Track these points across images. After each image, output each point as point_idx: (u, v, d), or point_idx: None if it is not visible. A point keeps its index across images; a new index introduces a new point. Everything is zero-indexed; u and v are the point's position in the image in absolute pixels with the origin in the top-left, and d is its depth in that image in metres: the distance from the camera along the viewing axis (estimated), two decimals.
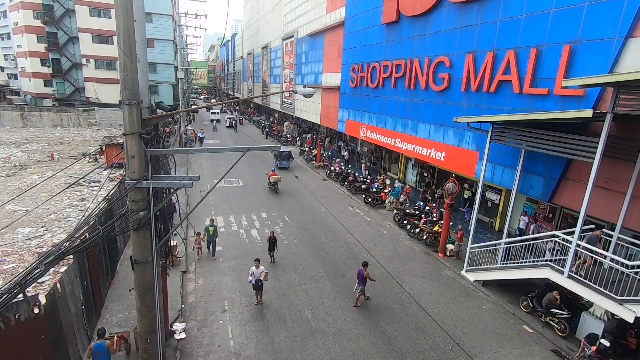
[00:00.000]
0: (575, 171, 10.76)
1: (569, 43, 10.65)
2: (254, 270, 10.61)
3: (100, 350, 7.41)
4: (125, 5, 5.17)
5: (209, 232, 13.60)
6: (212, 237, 13.74)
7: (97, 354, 7.41)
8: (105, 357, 7.50)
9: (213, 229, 13.66)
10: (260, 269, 10.63)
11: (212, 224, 13.75)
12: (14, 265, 12.69)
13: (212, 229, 13.63)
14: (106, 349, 7.47)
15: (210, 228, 13.61)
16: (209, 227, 13.63)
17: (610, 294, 8.39)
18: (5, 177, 23.30)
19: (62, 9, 43.42)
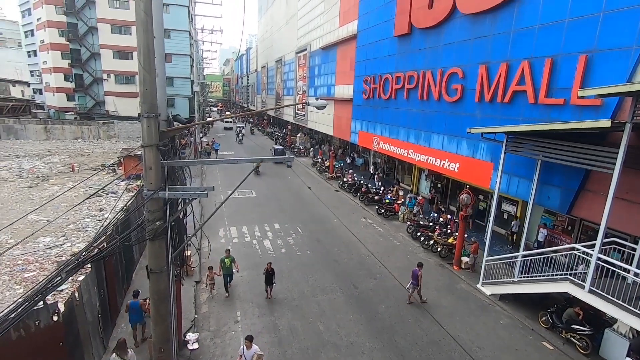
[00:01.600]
0: (594, 182, 10.49)
1: (584, 52, 10.53)
2: (244, 350, 8.06)
3: (134, 307, 9.21)
4: (145, 23, 5.40)
5: (224, 265, 11.66)
6: (229, 271, 11.82)
7: (132, 310, 9.22)
8: (138, 312, 9.28)
9: (229, 261, 11.74)
10: (253, 349, 8.05)
11: (229, 255, 11.83)
12: (35, 274, 13.04)
13: (228, 260, 11.71)
14: (139, 306, 9.23)
15: (226, 260, 11.69)
16: (224, 259, 11.72)
17: (635, 310, 8.06)
18: (28, 187, 24.13)
19: (85, 27, 45.32)
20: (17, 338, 6.33)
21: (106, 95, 47.31)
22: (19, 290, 11.98)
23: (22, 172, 28.36)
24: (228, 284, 12.03)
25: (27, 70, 61.20)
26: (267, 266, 11.77)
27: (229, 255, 11.93)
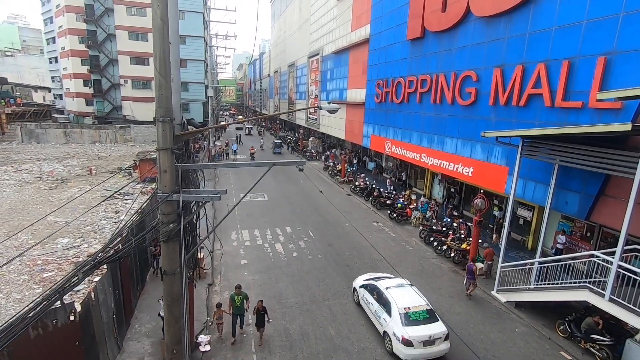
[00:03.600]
0: (614, 187, 10.19)
1: (603, 55, 10.28)
2: None
3: None
4: (161, 29, 5.52)
5: (234, 304, 9.87)
6: (240, 310, 9.96)
7: None
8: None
9: (240, 299, 9.90)
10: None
11: (240, 292, 9.95)
12: (53, 274, 13.38)
13: (239, 298, 9.89)
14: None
15: (237, 298, 9.87)
16: (234, 296, 9.90)
17: None
18: (48, 190, 24.84)
19: (104, 34, 46.66)
20: (36, 336, 6.49)
21: (123, 100, 48.47)
22: (38, 289, 12.31)
23: (43, 174, 29.23)
24: (237, 326, 10.05)
25: (48, 76, 63.28)
26: (257, 305, 9.76)
27: (240, 291, 9.99)
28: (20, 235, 15.99)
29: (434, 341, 9.13)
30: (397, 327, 9.31)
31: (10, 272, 13.49)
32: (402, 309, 9.60)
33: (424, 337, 9.06)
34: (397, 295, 10.08)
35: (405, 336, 9.01)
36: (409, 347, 8.98)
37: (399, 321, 9.39)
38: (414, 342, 8.97)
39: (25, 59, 75.12)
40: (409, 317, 9.44)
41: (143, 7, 44.53)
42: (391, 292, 10.25)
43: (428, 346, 9.08)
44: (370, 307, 10.76)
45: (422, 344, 9.02)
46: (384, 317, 9.94)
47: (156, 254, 13.31)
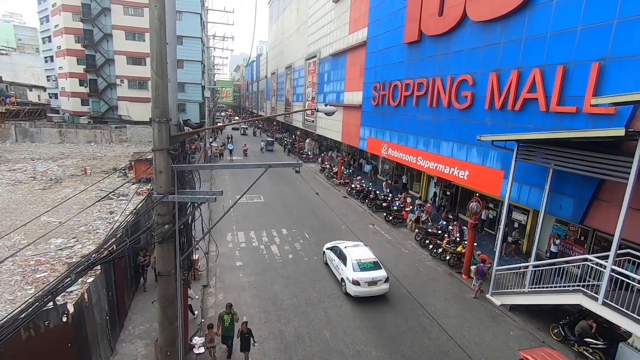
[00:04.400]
0: (608, 192, 10.28)
1: (597, 60, 10.40)
2: None
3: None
4: (159, 30, 5.50)
5: (223, 323, 9.25)
6: (229, 332, 9.30)
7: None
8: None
9: (229, 319, 9.26)
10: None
11: (229, 311, 9.33)
12: (46, 275, 13.24)
13: (228, 318, 9.25)
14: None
15: (226, 317, 9.25)
16: (224, 315, 9.29)
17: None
18: (42, 189, 24.62)
19: (100, 34, 46.43)
20: (27, 338, 6.41)
21: (119, 100, 48.22)
22: (30, 290, 12.18)
23: (36, 174, 28.97)
24: (229, 348, 9.40)
25: (43, 75, 62.80)
26: (241, 327, 9.11)
27: (231, 310, 9.31)
28: (13, 235, 15.81)
29: (376, 282, 12.15)
30: (350, 273, 12.28)
31: (3, 272, 13.33)
32: (355, 260, 12.61)
33: (368, 279, 12.07)
34: (352, 251, 13.12)
35: (355, 278, 12.03)
36: (357, 286, 12.03)
37: (351, 268, 12.38)
38: (361, 283, 12.00)
39: (21, 57, 74.53)
40: (359, 266, 12.42)
41: (140, 7, 44.39)
42: (348, 250, 13.28)
43: (371, 286, 12.13)
44: (333, 262, 13.77)
45: (367, 284, 12.06)
46: (341, 268, 12.87)
47: (145, 265, 12.17)
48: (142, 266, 12.18)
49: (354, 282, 12.03)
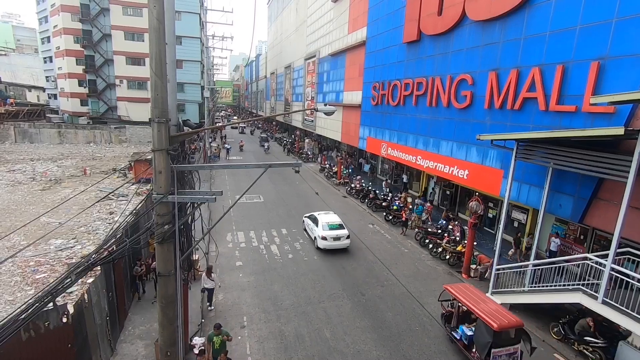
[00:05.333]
0: (607, 191, 10.29)
1: (597, 59, 10.41)
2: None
3: None
4: (158, 30, 5.50)
5: (213, 346, 8.67)
6: (218, 353, 8.51)
7: None
8: None
9: (219, 341, 8.67)
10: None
11: (219, 332, 8.70)
12: (46, 275, 13.24)
13: (217, 339, 8.65)
14: None
15: (215, 339, 8.64)
16: (212, 336, 8.67)
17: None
18: (41, 190, 24.60)
19: (99, 34, 46.39)
20: (27, 339, 6.41)
21: (118, 101, 48.18)
22: (30, 291, 12.17)
23: (36, 175, 28.95)
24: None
25: (42, 76, 62.72)
26: (220, 357, 8.22)
27: (220, 331, 8.70)
28: (12, 236, 15.81)
29: (339, 238, 15.81)
30: (320, 232, 15.90)
31: (2, 273, 13.33)
32: (324, 222, 16.21)
33: (334, 235, 15.75)
34: (323, 217, 16.75)
35: (324, 235, 15.71)
36: (325, 241, 15.70)
37: (321, 228, 16.00)
38: (328, 238, 15.68)
39: (20, 58, 74.45)
40: (327, 226, 16.03)
41: (139, 8, 44.34)
42: (320, 215, 16.93)
43: (336, 241, 15.77)
44: (309, 226, 17.58)
45: (332, 239, 15.72)
46: (315, 229, 16.54)
47: (142, 275, 11.63)
48: (139, 276, 11.56)
49: (323, 238, 15.71)
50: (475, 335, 9.23)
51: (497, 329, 8.40)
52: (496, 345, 8.57)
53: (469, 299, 9.56)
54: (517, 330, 8.83)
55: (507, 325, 8.59)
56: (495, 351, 8.58)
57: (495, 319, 8.66)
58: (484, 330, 8.78)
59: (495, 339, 8.51)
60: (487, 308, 9.15)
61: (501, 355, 8.68)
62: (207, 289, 11.56)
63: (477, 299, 9.59)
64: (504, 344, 8.67)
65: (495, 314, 8.89)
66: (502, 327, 8.46)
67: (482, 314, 8.86)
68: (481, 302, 9.43)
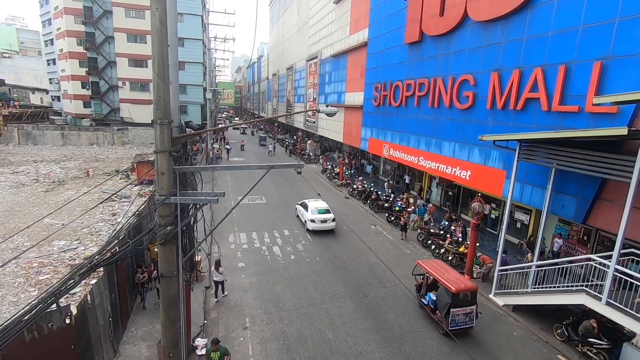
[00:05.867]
0: (610, 191, 10.24)
1: (599, 59, 10.37)
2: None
3: None
4: (160, 32, 5.53)
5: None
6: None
7: None
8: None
9: (218, 357, 8.16)
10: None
11: (217, 347, 8.11)
12: (49, 277, 13.28)
13: (215, 355, 8.13)
14: None
15: (213, 355, 8.12)
16: (210, 352, 8.16)
17: None
18: (45, 192, 24.70)
19: (102, 36, 46.61)
20: (31, 340, 6.43)
21: (121, 102, 48.38)
22: (34, 292, 12.22)
23: (39, 176, 29.09)
24: None
25: (46, 78, 63.07)
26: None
27: (219, 347, 8.13)
28: (16, 237, 15.88)
29: (326, 221, 18.27)
30: (309, 215, 18.42)
31: (6, 274, 13.39)
32: (313, 207, 18.69)
33: (321, 218, 18.26)
34: (312, 203, 19.20)
35: (312, 217, 18.24)
36: (313, 223, 18.19)
37: (310, 212, 18.47)
38: (316, 221, 18.17)
39: (23, 60, 74.90)
40: (316, 210, 18.53)
41: (142, 10, 44.55)
42: (310, 202, 19.34)
43: (323, 223, 18.23)
44: (300, 211, 20.14)
45: (320, 222, 18.20)
46: (305, 213, 19.00)
47: (145, 282, 11.29)
48: (141, 283, 11.20)
49: (312, 221, 18.18)
50: (438, 299, 10.82)
51: (455, 292, 10.03)
52: (454, 305, 10.12)
53: (436, 271, 11.17)
54: (472, 294, 10.34)
55: (464, 289, 10.19)
56: (454, 310, 10.13)
57: (454, 283, 10.30)
58: (445, 294, 10.40)
59: (453, 300, 10.08)
60: (448, 276, 10.77)
61: (459, 314, 10.22)
62: (216, 282, 12.04)
63: (442, 271, 11.18)
64: (461, 305, 10.21)
65: (454, 280, 10.52)
66: (459, 290, 10.10)
67: (443, 281, 10.50)
68: (445, 273, 11.03)
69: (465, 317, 10.33)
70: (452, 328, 10.03)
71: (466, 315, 10.32)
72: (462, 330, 10.39)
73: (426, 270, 11.51)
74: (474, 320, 10.43)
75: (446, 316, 10.18)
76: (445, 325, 10.16)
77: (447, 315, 10.16)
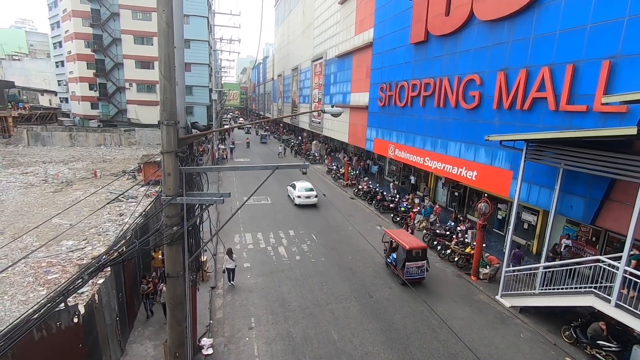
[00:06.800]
0: (620, 192, 10.10)
1: (608, 58, 10.24)
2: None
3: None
4: (166, 34, 5.57)
5: None
6: None
7: None
8: None
9: None
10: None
11: None
12: (57, 276, 13.44)
13: None
14: None
15: None
16: None
17: None
18: (53, 192, 25.01)
19: (109, 38, 47.08)
20: (40, 338, 6.51)
21: (128, 104, 48.80)
22: (43, 291, 12.37)
23: (48, 177, 29.45)
24: None
25: (54, 80, 63.85)
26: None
27: None
28: (25, 237, 16.09)
29: (310, 197, 22.99)
30: (297, 192, 23.15)
31: (15, 274, 13.57)
32: (300, 187, 23.40)
33: (306, 195, 22.96)
34: (299, 184, 23.83)
35: (299, 194, 22.97)
36: (299, 198, 22.87)
37: (298, 190, 23.20)
38: (302, 196, 22.86)
39: (32, 62, 75.93)
40: (302, 189, 23.21)
41: (148, 12, 44.91)
42: (298, 183, 23.96)
43: (307, 198, 22.93)
44: (290, 191, 24.79)
45: (305, 197, 22.92)
46: (293, 192, 23.78)
47: (149, 293, 10.73)
48: (145, 294, 10.77)
49: (298, 197, 22.94)
50: (397, 256, 13.67)
51: (409, 249, 12.82)
52: (408, 260, 12.92)
53: (397, 236, 14.02)
54: (423, 251, 13.07)
55: (416, 247, 12.97)
56: (408, 264, 12.93)
57: (408, 243, 13.04)
58: (402, 252, 13.17)
59: (407, 255, 12.87)
60: (405, 239, 13.53)
61: (412, 267, 13.02)
62: (228, 269, 12.90)
63: (402, 236, 13.98)
64: (413, 260, 12.99)
65: (409, 241, 13.26)
66: (411, 247, 12.88)
67: (401, 242, 13.28)
68: (404, 237, 13.81)
69: (417, 270, 13.11)
70: (406, 278, 12.71)
71: (418, 268, 13.11)
72: (415, 280, 13.13)
73: (390, 236, 14.22)
74: (424, 272, 13.24)
75: (402, 268, 12.90)
76: (401, 275, 12.84)
77: (403, 267, 12.90)
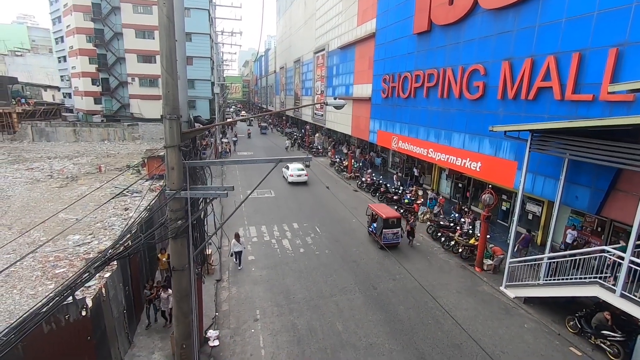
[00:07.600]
0: (626, 182, 10.01)
1: (615, 46, 10.07)
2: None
3: None
4: (168, 27, 5.53)
5: None
6: None
7: None
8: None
9: None
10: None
11: None
12: (65, 270, 13.62)
13: None
14: None
15: None
16: None
17: None
18: (59, 187, 25.22)
19: (111, 33, 46.98)
20: (49, 331, 6.62)
21: (131, 98, 48.85)
22: (51, 285, 12.55)
23: (53, 172, 29.68)
24: None
25: (57, 75, 63.99)
26: None
27: None
28: (32, 232, 16.28)
29: (300, 175, 26.79)
30: (290, 172, 26.88)
31: (24, 268, 13.77)
32: (293, 167, 26.83)
33: (297, 174, 26.78)
34: (292, 165, 26.92)
35: (291, 173, 26.81)
36: (292, 177, 26.84)
37: (290, 170, 26.81)
38: (294, 175, 26.78)
39: (35, 58, 76.00)
40: (295, 169, 26.73)
41: (149, 5, 44.67)
42: (290, 164, 26.98)
43: (298, 177, 26.83)
44: (284, 171, 28.02)
45: (296, 176, 26.79)
46: (286, 172, 27.32)
47: (152, 299, 10.24)
48: (148, 300, 10.32)
49: (291, 175, 26.58)
50: (377, 225, 16.01)
51: (385, 218, 15.28)
52: (385, 227, 15.34)
53: (377, 208, 16.42)
54: (397, 220, 15.43)
55: (391, 216, 15.42)
56: (385, 231, 15.34)
57: (385, 213, 15.53)
58: (380, 221, 15.51)
59: (384, 224, 15.31)
60: (383, 210, 15.99)
61: (388, 233, 15.40)
62: (236, 252, 13.74)
63: (381, 208, 16.43)
64: (389, 227, 15.41)
65: (386, 212, 15.71)
66: (387, 216, 15.36)
67: (379, 212, 15.72)
68: (383, 209, 16.20)
69: (393, 236, 15.50)
70: (384, 242, 15.13)
71: (394, 234, 15.51)
72: (391, 244, 15.52)
73: (373, 209, 16.56)
74: (399, 238, 15.66)
75: (380, 235, 15.32)
76: (379, 240, 15.27)
77: (381, 234, 15.32)
